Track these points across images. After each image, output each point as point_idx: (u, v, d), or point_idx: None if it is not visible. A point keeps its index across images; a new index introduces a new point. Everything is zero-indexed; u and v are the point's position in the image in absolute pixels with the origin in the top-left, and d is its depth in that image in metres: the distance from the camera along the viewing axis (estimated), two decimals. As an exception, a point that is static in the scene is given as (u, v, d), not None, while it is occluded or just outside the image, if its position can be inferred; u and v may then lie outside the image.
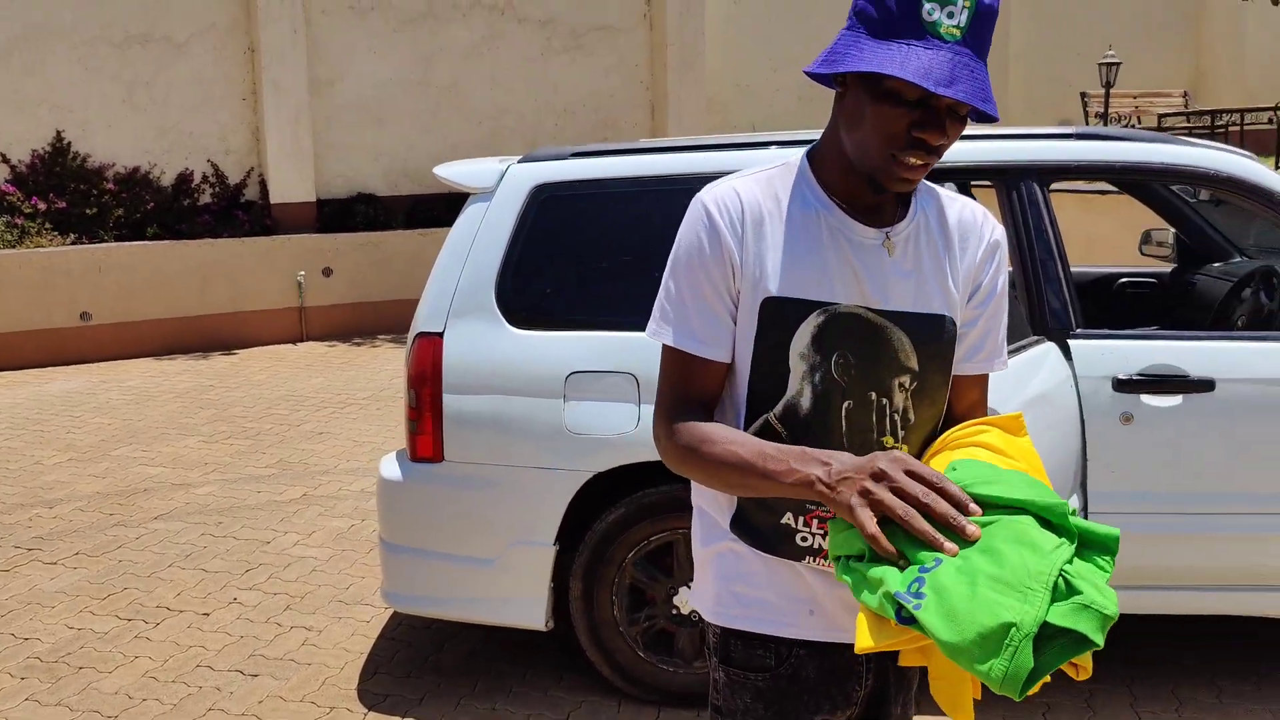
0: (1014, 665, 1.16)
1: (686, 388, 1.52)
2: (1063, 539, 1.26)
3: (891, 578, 1.25)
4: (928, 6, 1.35)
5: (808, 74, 1.47)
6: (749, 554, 1.56)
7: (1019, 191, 3.18)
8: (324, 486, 5.60)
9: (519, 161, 3.44)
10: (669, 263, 1.54)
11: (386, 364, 8.68)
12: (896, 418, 1.51)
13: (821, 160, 1.51)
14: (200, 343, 9.31)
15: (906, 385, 1.51)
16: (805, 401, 1.49)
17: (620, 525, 3.25)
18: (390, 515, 3.44)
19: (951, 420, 1.59)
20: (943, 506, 1.27)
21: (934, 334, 1.51)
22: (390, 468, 3.43)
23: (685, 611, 3.28)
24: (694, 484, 1.64)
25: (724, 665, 1.60)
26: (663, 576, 3.30)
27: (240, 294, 9.46)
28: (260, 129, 9.95)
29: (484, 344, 3.27)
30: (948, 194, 1.59)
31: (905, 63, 1.33)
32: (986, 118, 1.40)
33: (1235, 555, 3.10)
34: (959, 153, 3.22)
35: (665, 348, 1.54)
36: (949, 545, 1.24)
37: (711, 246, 1.48)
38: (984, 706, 1.68)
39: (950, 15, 1.34)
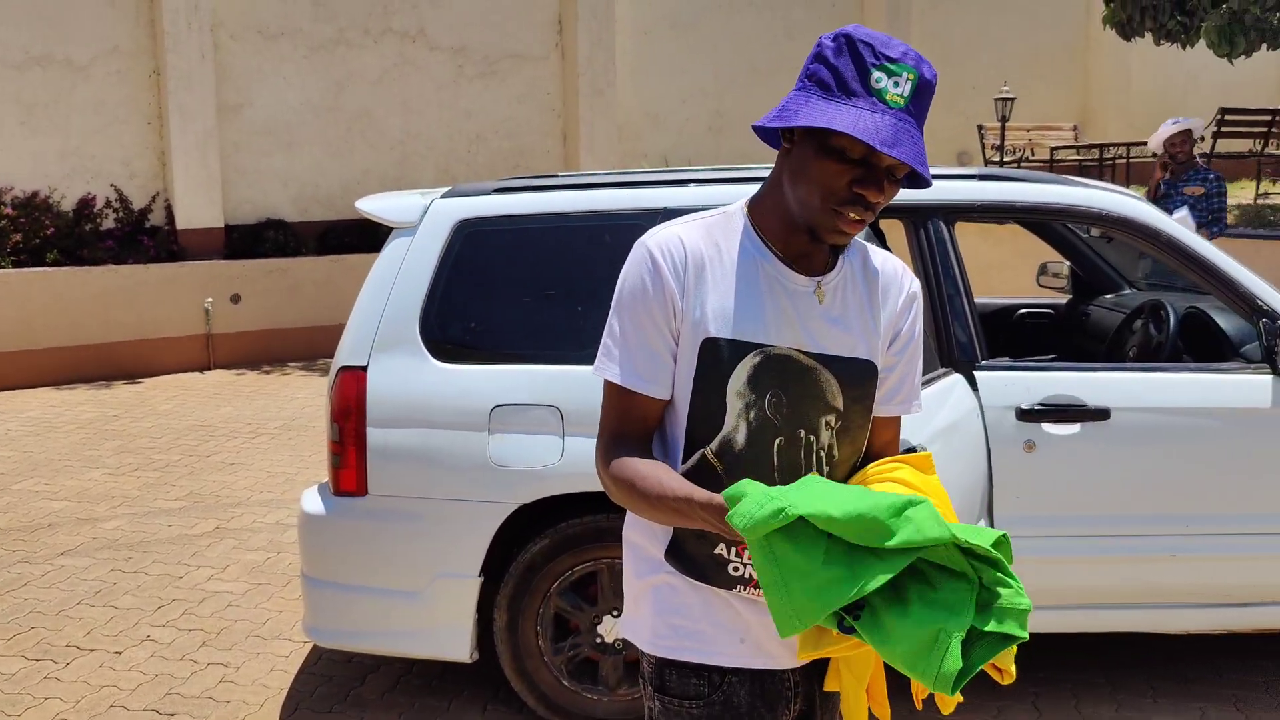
0: (945, 667, 1.30)
1: (626, 422, 1.60)
2: (977, 561, 1.38)
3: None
4: (876, 75, 1.45)
5: (755, 129, 1.56)
6: (684, 586, 1.63)
7: (926, 230, 3.34)
8: (237, 519, 5.50)
9: (442, 196, 3.48)
10: (614, 303, 1.61)
11: (298, 392, 8.56)
12: (823, 454, 1.60)
13: (762, 210, 1.60)
14: (103, 371, 9.05)
15: (832, 424, 1.60)
16: (740, 437, 1.57)
17: (545, 556, 3.28)
18: (313, 549, 3.42)
19: (869, 457, 1.69)
20: None
21: (859, 377, 1.61)
22: (312, 501, 3.42)
23: (609, 640, 3.33)
24: (627, 518, 1.71)
25: (659, 694, 1.66)
26: (587, 605, 3.34)
27: (145, 321, 9.23)
28: (166, 153, 9.75)
29: (408, 378, 3.28)
30: (871, 248, 1.70)
31: (856, 122, 1.43)
32: (919, 183, 1.51)
33: (1130, 575, 3.27)
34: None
35: (607, 383, 1.61)
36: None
37: (654, 289, 1.56)
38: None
39: (896, 84, 1.46)
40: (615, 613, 3.31)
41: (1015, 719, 3.44)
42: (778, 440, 1.58)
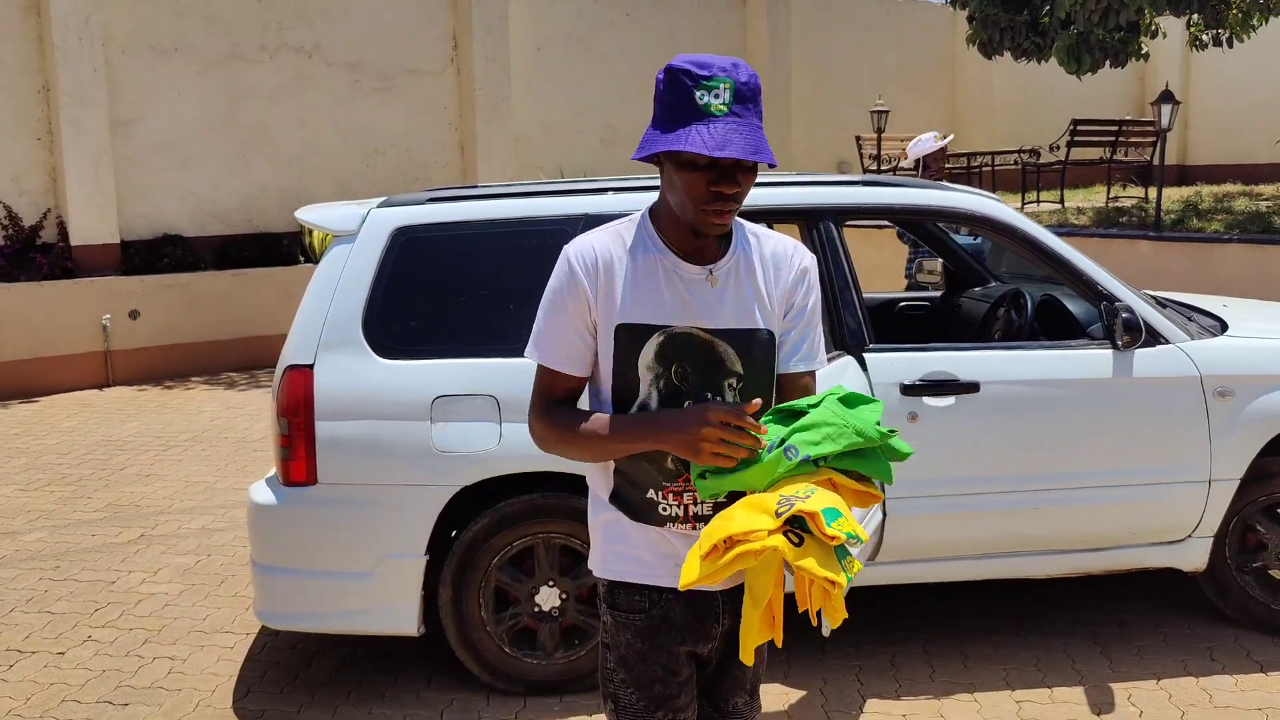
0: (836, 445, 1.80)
1: (553, 392, 1.98)
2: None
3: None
4: (698, 94, 1.78)
5: (635, 160, 1.92)
6: (627, 523, 1.98)
7: (818, 230, 3.76)
8: (161, 526, 5.61)
9: (378, 206, 3.75)
10: (542, 301, 1.96)
11: (204, 405, 8.59)
12: None
13: (658, 216, 1.95)
14: (-2, 391, 8.90)
15: (735, 385, 1.93)
16: (653, 403, 1.93)
17: (485, 534, 3.58)
18: (264, 538, 3.64)
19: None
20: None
21: (754, 345, 1.93)
22: (262, 493, 3.63)
23: (546, 609, 3.64)
24: (589, 472, 2.05)
25: (610, 610, 2.02)
26: (525, 578, 3.65)
27: (40, 339, 9.12)
28: (58, 169, 9.63)
29: (353, 374, 3.54)
30: (765, 232, 2.02)
31: (689, 139, 1.76)
32: (772, 166, 1.88)
33: (1001, 528, 3.74)
34: (768, 197, 3.77)
35: (541, 368, 1.98)
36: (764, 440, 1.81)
37: (571, 289, 1.91)
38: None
39: (716, 96, 1.78)
40: (551, 584, 3.63)
41: (908, 662, 3.88)
42: (686, 403, 1.90)
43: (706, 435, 1.78)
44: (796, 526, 1.72)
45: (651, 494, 1.95)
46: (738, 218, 1.96)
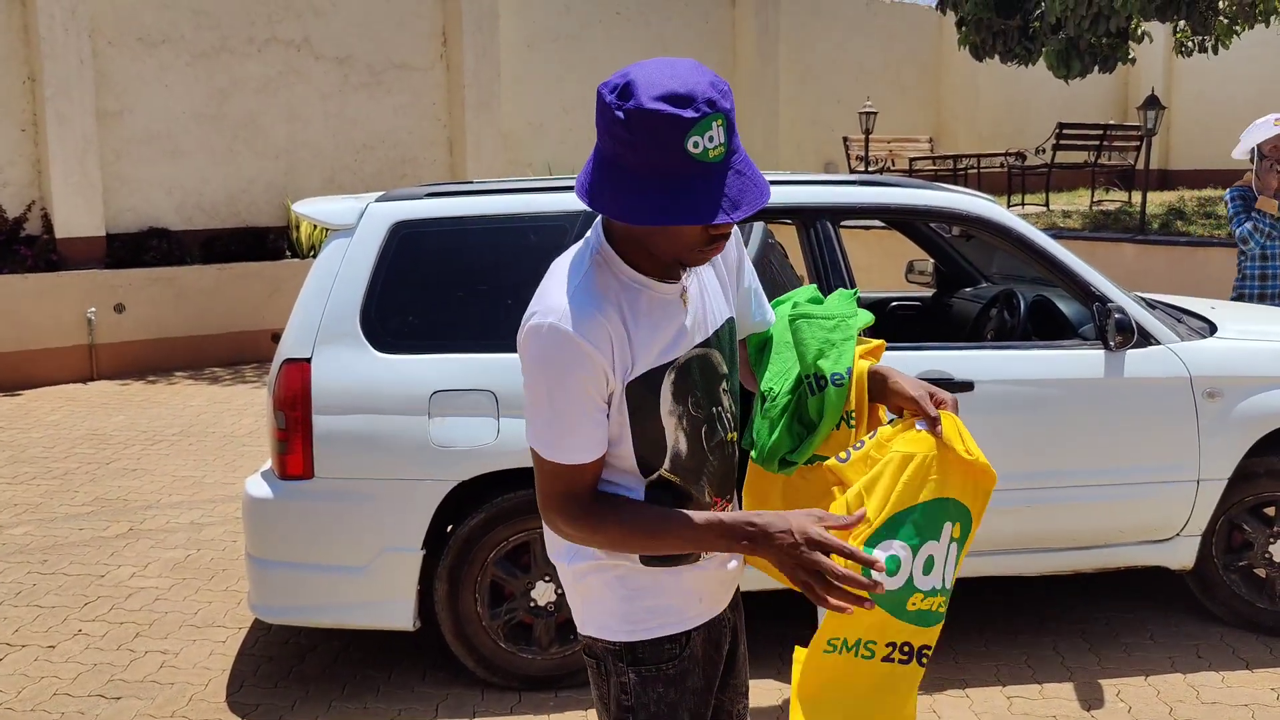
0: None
1: (580, 487, 1.64)
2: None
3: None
4: (691, 140, 1.42)
5: (634, 224, 1.55)
6: (651, 571, 1.72)
7: (815, 229, 3.78)
8: (150, 520, 5.59)
9: (377, 200, 3.75)
10: (546, 385, 1.59)
11: (190, 400, 8.55)
12: (729, 418, 1.78)
13: (622, 242, 1.63)
14: (-20, 384, 8.84)
15: (727, 387, 1.77)
16: (683, 447, 1.70)
17: (482, 528, 3.59)
18: (259, 531, 3.63)
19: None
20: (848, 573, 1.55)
21: (727, 337, 1.79)
22: (258, 486, 3.63)
23: (542, 604, 3.65)
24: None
25: (634, 667, 1.74)
26: (521, 573, 3.66)
27: (24, 332, 9.05)
28: (43, 161, 9.56)
29: (351, 368, 3.54)
30: None
31: (697, 209, 1.45)
32: None
33: (995, 526, 3.76)
34: (766, 196, 3.78)
35: (554, 463, 1.62)
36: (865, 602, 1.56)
37: (589, 371, 1.58)
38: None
39: (711, 140, 1.44)
40: (547, 579, 3.64)
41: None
42: (704, 429, 1.71)
43: (803, 562, 1.54)
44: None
45: None
46: None
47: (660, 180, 1.45)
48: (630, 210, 1.48)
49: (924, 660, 1.76)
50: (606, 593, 1.73)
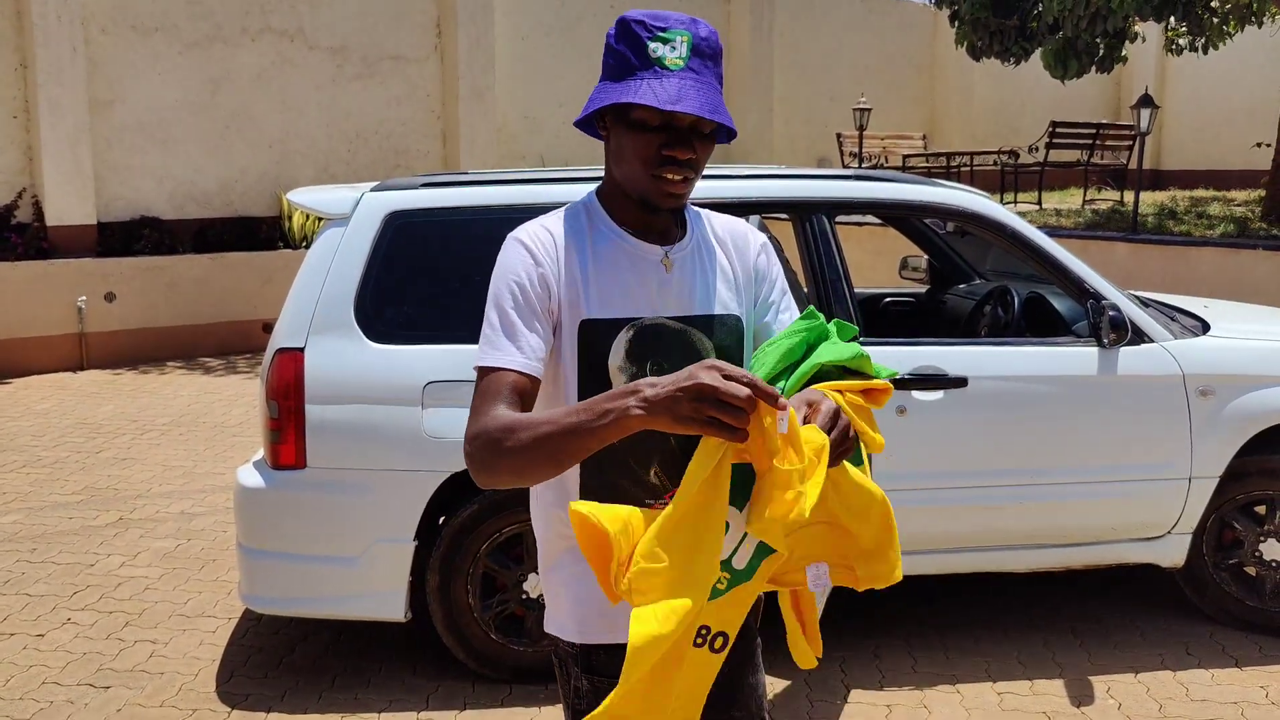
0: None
1: (503, 398, 1.57)
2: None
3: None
4: (652, 46, 1.58)
5: (575, 125, 1.71)
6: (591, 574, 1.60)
7: (811, 223, 3.78)
8: (140, 510, 5.57)
9: (372, 190, 3.73)
10: (492, 296, 1.63)
11: (181, 389, 8.52)
12: None
13: (606, 196, 1.71)
14: (-31, 372, 8.79)
15: None
16: None
17: (474, 520, 3.58)
18: (251, 521, 3.62)
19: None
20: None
21: (725, 330, 1.74)
22: (250, 476, 3.62)
23: (534, 596, 3.65)
24: (544, 519, 1.76)
25: (589, 674, 1.71)
26: (513, 565, 3.65)
27: (13, 320, 9.00)
28: (35, 149, 9.50)
29: (344, 358, 3.53)
30: (710, 214, 1.83)
31: (639, 91, 1.56)
32: (731, 135, 1.65)
33: (987, 522, 3.78)
34: (761, 190, 3.79)
35: (486, 373, 1.59)
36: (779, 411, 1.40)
37: (530, 275, 1.62)
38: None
39: (672, 49, 1.58)
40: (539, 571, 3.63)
41: (891, 654, 3.91)
42: None
43: (703, 389, 1.36)
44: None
45: None
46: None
47: (620, 79, 1.60)
48: (593, 101, 1.63)
49: (717, 647, 1.53)
50: (563, 592, 1.73)
